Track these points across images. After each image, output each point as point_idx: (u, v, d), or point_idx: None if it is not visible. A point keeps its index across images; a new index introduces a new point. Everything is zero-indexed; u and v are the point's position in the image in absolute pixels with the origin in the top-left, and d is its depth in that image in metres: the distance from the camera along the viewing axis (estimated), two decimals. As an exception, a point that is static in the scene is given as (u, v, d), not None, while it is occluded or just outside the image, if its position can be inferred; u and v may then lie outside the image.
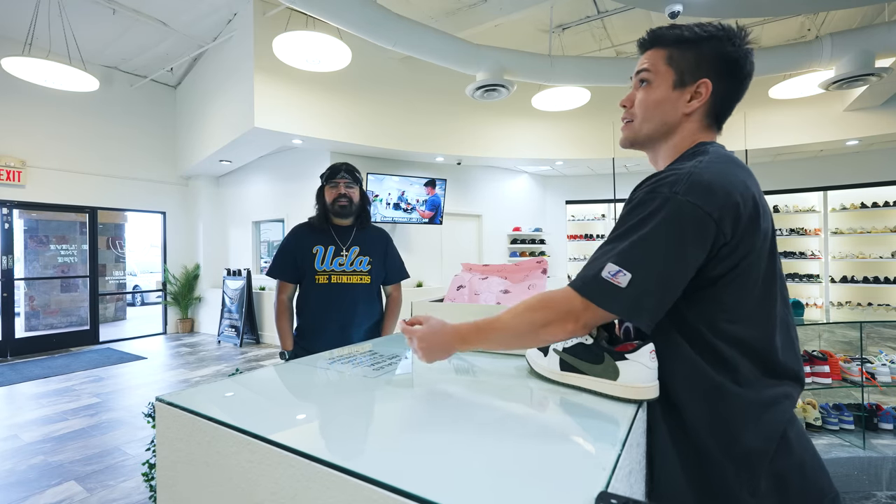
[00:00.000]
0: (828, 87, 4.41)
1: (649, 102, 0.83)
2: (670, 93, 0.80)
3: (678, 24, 0.82)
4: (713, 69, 0.78)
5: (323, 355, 1.07)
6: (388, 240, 2.13)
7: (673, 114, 0.81)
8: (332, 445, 0.55)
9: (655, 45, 0.83)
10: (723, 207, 0.68)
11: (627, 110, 0.87)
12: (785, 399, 0.73)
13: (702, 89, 0.79)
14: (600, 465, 0.48)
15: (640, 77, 0.84)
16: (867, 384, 2.34)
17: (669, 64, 0.80)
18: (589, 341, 0.76)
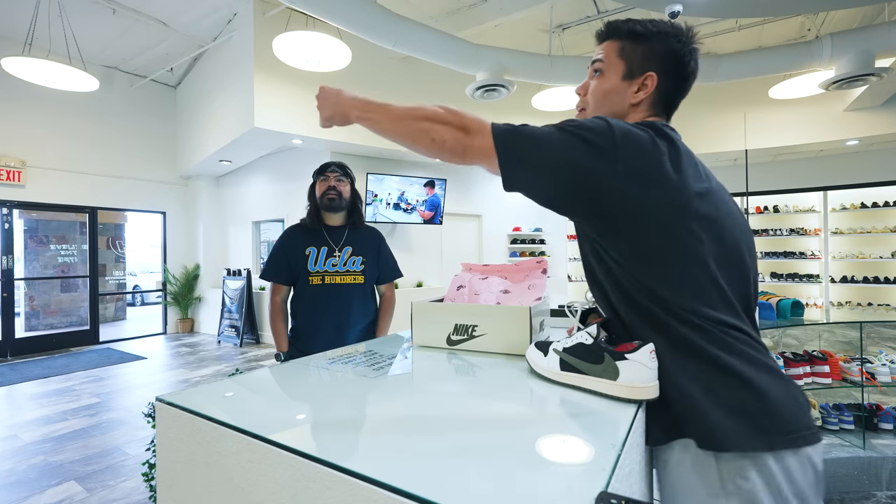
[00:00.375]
0: (828, 87, 4.42)
1: (600, 92, 0.89)
2: (619, 83, 0.86)
3: (633, 18, 0.87)
4: (659, 64, 0.84)
5: (322, 355, 1.07)
6: (381, 239, 2.13)
7: (621, 103, 0.87)
8: (332, 445, 0.55)
9: (611, 37, 0.89)
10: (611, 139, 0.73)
11: (581, 98, 0.93)
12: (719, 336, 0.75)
13: (648, 82, 0.84)
14: (600, 465, 0.48)
15: (594, 67, 0.90)
16: (867, 384, 2.34)
17: (621, 56, 0.86)
18: (589, 341, 0.76)
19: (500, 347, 1.04)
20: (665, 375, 0.74)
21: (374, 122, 0.85)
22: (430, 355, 1.05)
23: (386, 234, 6.86)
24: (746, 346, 0.77)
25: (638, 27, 0.85)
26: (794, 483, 0.71)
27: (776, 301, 2.40)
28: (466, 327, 1.08)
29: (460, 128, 0.77)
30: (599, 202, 0.74)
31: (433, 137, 0.78)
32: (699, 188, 0.78)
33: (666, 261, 0.76)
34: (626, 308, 0.80)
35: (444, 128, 0.78)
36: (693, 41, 0.84)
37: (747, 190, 6.31)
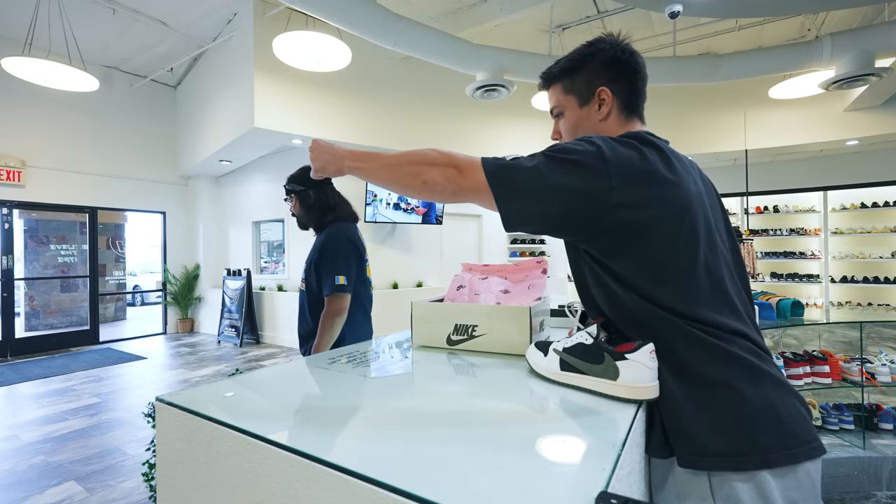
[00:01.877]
0: (828, 87, 4.42)
1: (569, 126, 0.95)
2: (579, 111, 0.93)
3: (559, 58, 0.95)
4: (603, 76, 0.90)
5: (323, 355, 1.07)
6: (323, 245, 1.94)
7: (591, 126, 0.92)
8: (333, 445, 0.55)
9: (551, 84, 0.97)
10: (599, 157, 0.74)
11: (559, 141, 0.98)
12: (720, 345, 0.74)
13: (604, 96, 0.90)
14: (600, 465, 0.48)
15: (554, 113, 0.99)
16: (867, 384, 2.34)
17: (568, 92, 0.94)
18: (589, 341, 0.76)
19: (500, 347, 1.04)
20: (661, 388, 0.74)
21: (365, 170, 0.88)
22: (429, 355, 1.05)
23: (386, 234, 6.86)
24: (749, 353, 0.76)
25: (566, 63, 0.93)
26: (791, 499, 0.70)
27: (776, 301, 2.40)
28: (466, 327, 1.08)
29: (451, 166, 0.79)
30: (599, 221, 0.74)
31: (424, 179, 0.80)
32: (695, 190, 0.79)
33: (670, 268, 0.75)
34: (618, 319, 0.81)
35: (435, 168, 0.80)
36: (619, 41, 0.90)
37: (747, 190, 6.32)
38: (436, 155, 0.81)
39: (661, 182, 0.75)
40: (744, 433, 0.70)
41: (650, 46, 6.19)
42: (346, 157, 0.91)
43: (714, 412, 0.71)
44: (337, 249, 1.93)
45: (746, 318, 0.80)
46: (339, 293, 1.86)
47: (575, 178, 0.73)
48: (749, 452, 0.69)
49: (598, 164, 0.73)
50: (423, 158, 0.81)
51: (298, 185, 2.00)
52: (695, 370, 0.73)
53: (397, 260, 7.01)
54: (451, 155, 0.80)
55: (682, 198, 0.76)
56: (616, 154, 0.74)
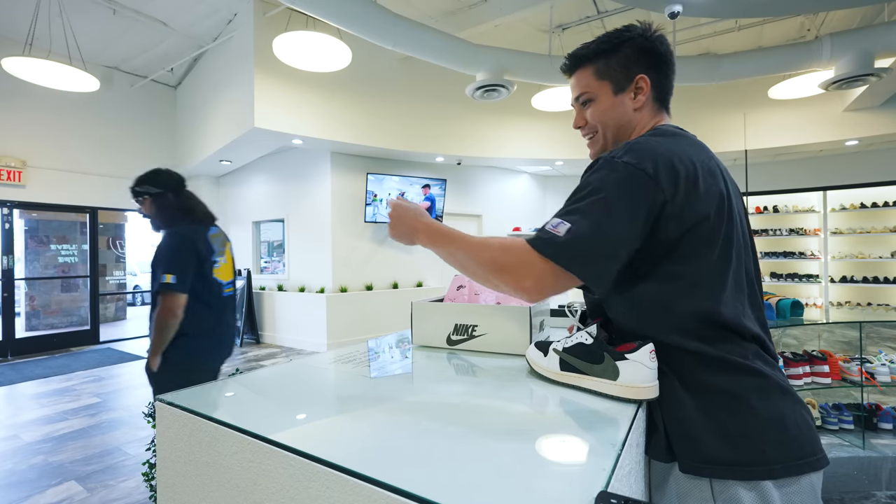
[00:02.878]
0: (827, 87, 4.41)
1: (600, 112, 0.88)
2: (614, 99, 0.87)
3: (588, 42, 0.88)
4: (643, 64, 0.84)
5: (323, 355, 1.07)
6: (160, 244, 2.00)
7: (625, 114, 0.87)
8: (332, 445, 0.55)
9: (580, 66, 0.89)
10: (657, 165, 0.71)
11: (585, 128, 0.93)
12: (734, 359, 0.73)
13: (641, 84, 0.85)
14: (600, 465, 0.48)
15: (581, 100, 0.91)
16: (867, 384, 2.34)
17: (600, 77, 0.87)
18: (589, 341, 0.76)
19: (500, 347, 1.04)
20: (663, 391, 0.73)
21: (437, 253, 0.84)
22: (430, 355, 1.06)
23: (386, 234, 6.85)
24: (761, 361, 0.74)
25: (604, 45, 0.86)
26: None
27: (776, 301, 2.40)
28: (466, 327, 1.08)
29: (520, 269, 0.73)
30: (663, 232, 0.72)
31: (498, 283, 0.75)
32: (728, 189, 0.79)
33: (707, 269, 0.74)
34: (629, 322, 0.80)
35: (510, 275, 0.74)
36: (655, 30, 0.86)
37: (747, 190, 6.32)
38: (501, 256, 0.74)
39: (702, 181, 0.74)
40: (751, 444, 0.70)
41: (650, 46, 6.19)
42: (422, 232, 0.85)
43: (722, 421, 0.71)
44: (170, 249, 1.95)
45: (762, 324, 0.80)
46: (167, 291, 1.89)
47: (637, 202, 0.70)
48: (755, 463, 0.69)
49: (649, 181, 0.70)
50: (493, 261, 0.75)
51: (154, 188, 2.03)
52: (705, 378, 0.73)
53: (397, 260, 7.01)
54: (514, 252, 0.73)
55: (720, 197, 0.75)
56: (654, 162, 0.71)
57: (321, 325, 6.04)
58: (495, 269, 0.74)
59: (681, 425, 0.73)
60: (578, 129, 0.94)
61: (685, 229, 0.72)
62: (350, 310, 6.23)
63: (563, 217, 0.72)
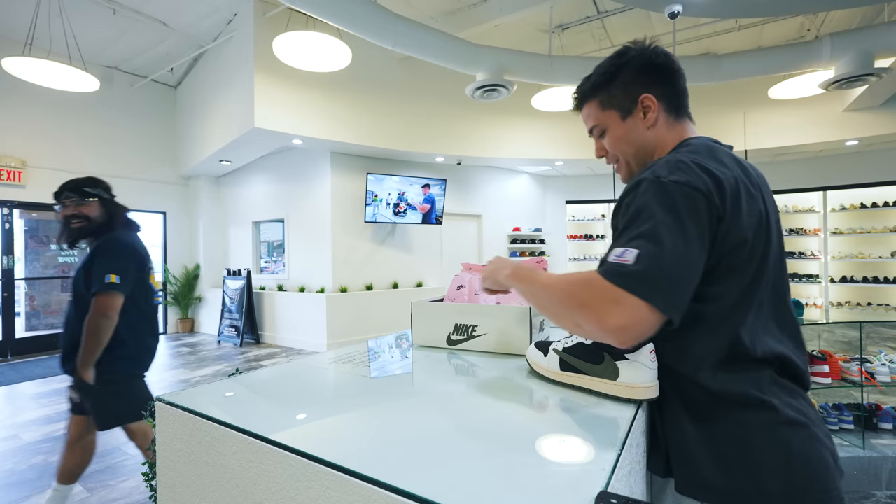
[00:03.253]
0: (827, 87, 4.42)
1: (616, 140, 0.89)
2: (623, 125, 0.87)
3: (589, 74, 0.90)
4: (643, 83, 0.84)
5: (323, 355, 1.07)
6: (102, 247, 1.92)
7: (641, 135, 0.86)
8: (332, 445, 0.55)
9: (585, 101, 0.92)
10: (707, 181, 0.69)
11: (607, 157, 0.94)
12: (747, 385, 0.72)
13: (648, 103, 0.84)
14: (600, 465, 0.48)
15: (595, 133, 0.93)
16: (867, 384, 2.34)
17: (605, 108, 0.88)
18: (589, 341, 0.76)
19: (500, 347, 1.04)
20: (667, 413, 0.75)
21: (520, 291, 0.81)
22: (430, 355, 1.05)
23: (386, 234, 6.87)
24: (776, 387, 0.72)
25: (598, 78, 0.88)
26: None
27: (776, 301, 2.40)
28: (466, 327, 1.08)
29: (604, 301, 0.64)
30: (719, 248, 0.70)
31: (580, 322, 0.67)
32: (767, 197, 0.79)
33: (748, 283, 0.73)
34: None
35: (593, 311, 0.65)
36: (648, 44, 0.85)
37: (747, 190, 6.31)
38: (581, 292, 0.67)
39: (745, 202, 0.72)
40: (750, 475, 0.68)
41: (650, 46, 6.19)
42: (510, 271, 0.82)
43: (722, 451, 0.70)
44: (114, 251, 1.90)
45: (791, 338, 0.77)
46: (109, 291, 1.82)
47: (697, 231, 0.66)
48: (753, 494, 0.68)
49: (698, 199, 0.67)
50: (571, 297, 0.68)
51: (104, 192, 2.00)
52: (711, 411, 0.72)
53: (397, 260, 7.01)
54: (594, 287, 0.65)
55: (759, 217, 0.74)
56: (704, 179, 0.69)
57: (321, 325, 6.04)
58: (575, 305, 0.67)
59: (681, 449, 0.73)
60: (600, 159, 0.95)
61: (724, 251, 0.70)
62: (350, 310, 6.23)
63: (626, 245, 0.66)
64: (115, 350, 1.87)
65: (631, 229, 0.68)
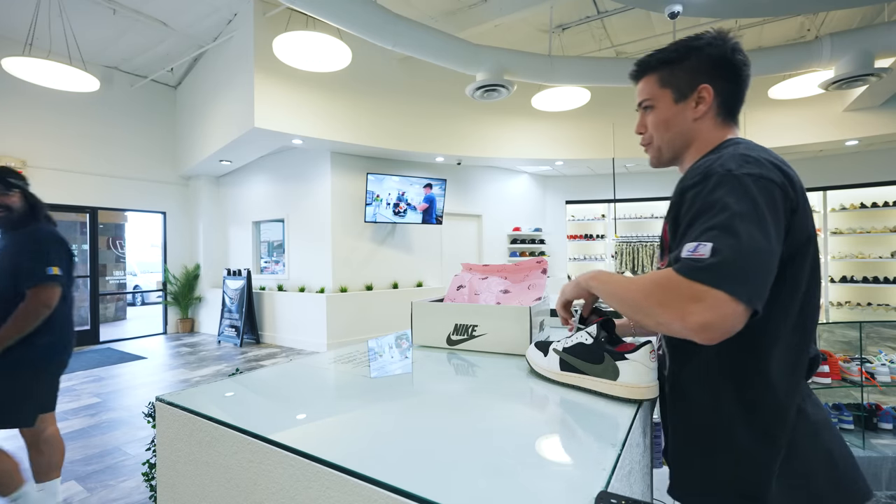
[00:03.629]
0: (827, 87, 4.42)
1: (658, 121, 0.88)
2: (673, 107, 0.86)
3: (658, 49, 0.88)
4: (708, 74, 0.83)
5: (323, 355, 1.07)
6: (35, 237, 1.94)
7: (684, 123, 0.86)
8: (332, 445, 0.55)
9: (646, 73, 0.89)
10: (778, 173, 0.69)
11: (644, 135, 0.92)
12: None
13: (704, 94, 0.83)
14: (600, 465, 0.48)
15: (643, 106, 0.91)
16: (867, 384, 2.34)
17: (664, 85, 0.86)
18: (589, 341, 0.77)
19: (500, 347, 1.04)
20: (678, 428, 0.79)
21: (597, 290, 0.79)
22: (430, 355, 1.05)
23: (386, 234, 6.87)
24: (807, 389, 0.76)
25: (670, 54, 0.85)
26: None
27: (776, 301, 2.40)
28: (466, 327, 1.08)
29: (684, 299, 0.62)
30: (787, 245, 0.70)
31: (658, 299, 0.65)
32: None
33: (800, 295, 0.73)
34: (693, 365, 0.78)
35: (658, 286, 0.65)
36: (730, 38, 0.83)
37: (747, 190, 6.31)
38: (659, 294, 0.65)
39: (803, 198, 0.73)
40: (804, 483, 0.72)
41: (650, 46, 6.19)
42: (589, 273, 0.82)
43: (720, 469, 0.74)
44: (50, 244, 1.94)
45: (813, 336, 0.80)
46: (51, 282, 1.84)
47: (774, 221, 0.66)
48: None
49: (772, 189, 0.67)
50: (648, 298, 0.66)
51: (25, 183, 2.03)
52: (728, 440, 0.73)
53: (397, 260, 7.01)
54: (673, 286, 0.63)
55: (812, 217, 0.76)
56: (774, 171, 0.69)
57: (321, 325, 6.04)
58: (655, 304, 0.65)
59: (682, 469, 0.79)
60: (639, 135, 0.94)
61: (797, 245, 0.70)
62: (350, 310, 6.23)
63: (698, 239, 0.64)
64: (43, 339, 1.89)
65: (702, 222, 0.66)
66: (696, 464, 0.77)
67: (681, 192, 0.74)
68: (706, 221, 0.65)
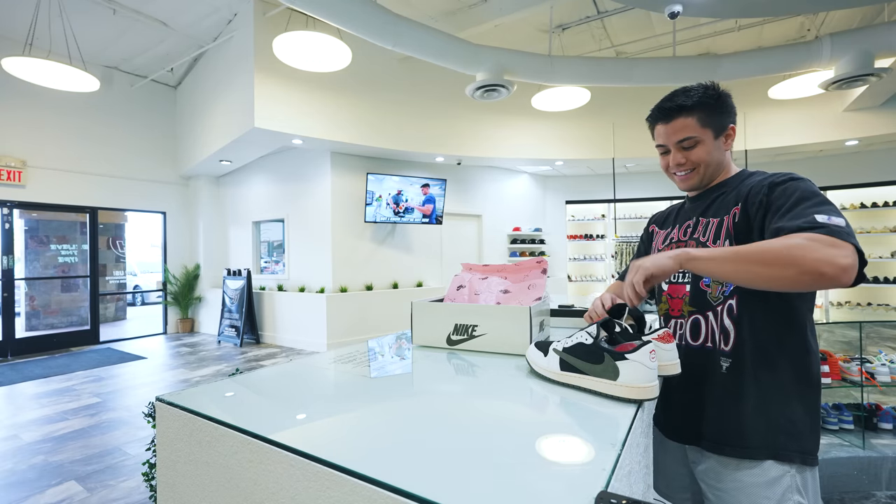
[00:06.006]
0: (827, 87, 4.42)
1: (706, 155, 1.06)
2: (714, 142, 1.05)
3: (691, 91, 1.03)
4: (731, 115, 1.06)
5: (323, 355, 1.07)
6: None
7: (721, 155, 1.07)
8: (332, 445, 0.55)
9: (682, 113, 1.04)
10: None
11: (685, 165, 1.08)
12: None
13: (731, 132, 1.07)
14: (600, 465, 0.48)
15: (684, 144, 1.06)
16: (867, 384, 2.34)
17: (704, 125, 1.03)
18: (589, 341, 0.77)
19: (500, 347, 1.04)
20: None
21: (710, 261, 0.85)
22: (429, 355, 1.05)
23: (386, 234, 6.87)
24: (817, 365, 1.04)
25: (705, 98, 1.02)
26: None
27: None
28: (466, 327, 1.08)
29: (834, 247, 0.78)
30: None
31: (814, 255, 0.77)
32: None
33: None
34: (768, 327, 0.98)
35: (820, 245, 0.78)
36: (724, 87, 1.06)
37: (747, 190, 6.31)
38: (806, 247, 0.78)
39: None
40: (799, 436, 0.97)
41: (650, 46, 6.19)
42: (670, 253, 0.88)
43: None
44: None
45: None
46: None
47: None
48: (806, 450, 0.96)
49: None
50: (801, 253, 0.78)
51: None
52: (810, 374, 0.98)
53: (397, 260, 7.01)
54: (817, 241, 0.79)
55: None
56: None
57: (321, 325, 6.04)
58: (809, 253, 0.77)
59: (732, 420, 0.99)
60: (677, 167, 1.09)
61: None
62: (350, 310, 6.23)
63: (827, 213, 0.83)
64: None
65: (811, 203, 0.86)
66: None
67: (770, 186, 0.95)
68: (819, 204, 0.86)
